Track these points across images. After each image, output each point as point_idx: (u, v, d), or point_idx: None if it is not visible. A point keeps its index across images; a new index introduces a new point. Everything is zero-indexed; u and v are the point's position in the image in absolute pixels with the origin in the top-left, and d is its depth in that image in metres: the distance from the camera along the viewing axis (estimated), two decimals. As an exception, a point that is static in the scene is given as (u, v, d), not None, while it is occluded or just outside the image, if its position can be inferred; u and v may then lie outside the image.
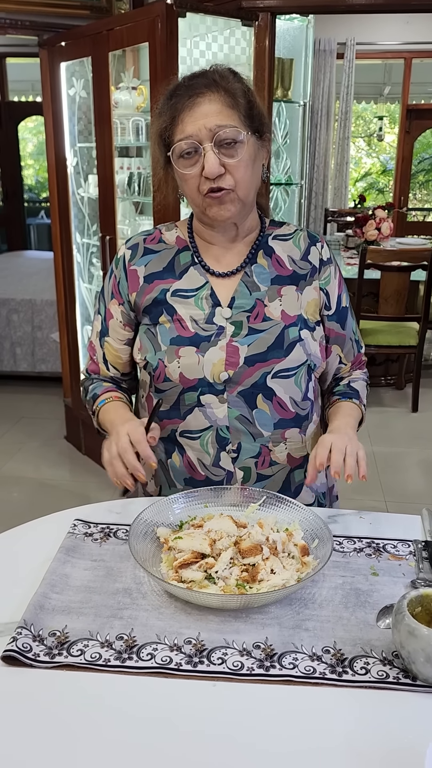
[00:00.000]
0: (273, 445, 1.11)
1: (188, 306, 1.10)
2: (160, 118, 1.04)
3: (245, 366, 1.07)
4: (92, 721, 0.70)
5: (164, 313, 1.10)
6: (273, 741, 0.68)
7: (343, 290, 1.18)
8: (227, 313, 1.09)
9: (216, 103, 1.00)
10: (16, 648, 0.78)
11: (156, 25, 2.12)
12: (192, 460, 1.12)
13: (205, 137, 0.99)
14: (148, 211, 2.82)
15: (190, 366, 1.08)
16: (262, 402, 1.09)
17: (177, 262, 1.13)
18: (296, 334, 1.10)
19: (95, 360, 1.22)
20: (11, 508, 2.76)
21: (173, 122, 1.02)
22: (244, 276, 1.11)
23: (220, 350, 1.08)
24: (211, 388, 1.08)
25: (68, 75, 2.78)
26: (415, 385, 3.73)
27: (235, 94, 1.01)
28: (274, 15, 2.40)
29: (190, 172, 1.02)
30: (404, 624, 0.74)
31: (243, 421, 1.09)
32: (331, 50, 5.63)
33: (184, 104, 1.00)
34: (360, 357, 1.24)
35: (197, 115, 0.99)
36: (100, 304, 1.20)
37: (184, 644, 0.80)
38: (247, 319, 1.09)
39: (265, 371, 1.08)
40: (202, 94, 1.00)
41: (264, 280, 1.11)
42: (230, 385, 1.08)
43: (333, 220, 5.63)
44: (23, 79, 7.17)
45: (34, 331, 4.05)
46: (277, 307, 1.10)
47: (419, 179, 8.44)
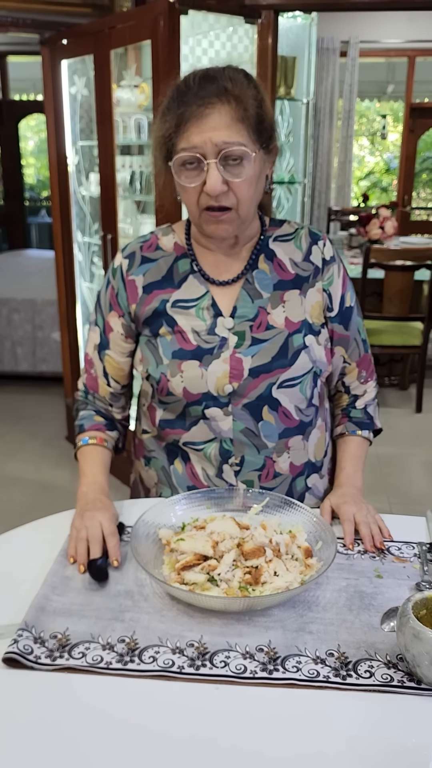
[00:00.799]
0: (277, 456, 1.09)
1: (189, 317, 1.07)
2: (164, 121, 0.98)
3: (250, 378, 1.05)
4: (93, 723, 0.70)
5: (164, 325, 1.07)
6: (276, 744, 0.67)
7: (348, 289, 1.13)
8: (229, 323, 1.06)
9: (225, 117, 0.94)
10: (17, 650, 0.77)
11: (158, 22, 2.11)
12: (195, 469, 1.11)
13: (210, 151, 0.94)
14: (149, 210, 2.81)
15: (193, 380, 1.05)
16: (267, 413, 1.06)
17: (176, 270, 1.09)
18: (301, 342, 1.06)
19: (93, 374, 1.17)
20: (12, 508, 2.76)
21: (178, 129, 0.96)
22: (245, 283, 1.08)
23: (223, 363, 1.05)
24: (216, 401, 1.05)
25: (70, 73, 2.77)
26: (419, 386, 3.71)
27: (246, 105, 0.95)
28: (277, 13, 2.39)
29: (191, 185, 0.97)
30: (409, 627, 0.74)
31: (248, 433, 1.07)
32: (334, 48, 5.61)
33: (192, 113, 0.94)
34: (367, 358, 1.20)
35: (205, 127, 0.93)
36: (98, 316, 1.15)
37: (186, 647, 0.79)
38: (250, 329, 1.06)
39: (271, 382, 1.05)
40: (212, 105, 0.93)
41: (266, 286, 1.08)
42: (235, 397, 1.05)
43: (336, 218, 5.61)
44: (24, 78, 7.17)
45: (35, 330, 4.05)
46: (281, 314, 1.07)
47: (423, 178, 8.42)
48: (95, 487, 1.06)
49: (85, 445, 1.13)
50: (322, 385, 1.15)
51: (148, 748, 0.67)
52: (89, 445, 1.13)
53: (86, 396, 1.20)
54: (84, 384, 1.20)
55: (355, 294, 1.17)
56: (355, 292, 1.17)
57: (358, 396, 1.21)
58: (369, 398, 1.21)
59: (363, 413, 1.20)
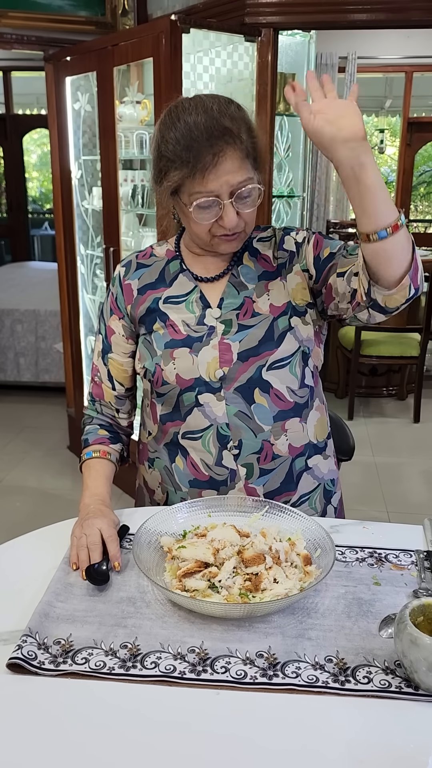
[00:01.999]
0: (274, 438, 1.12)
1: (179, 311, 1.13)
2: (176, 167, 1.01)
3: (239, 362, 1.10)
4: (96, 729, 0.71)
5: (158, 321, 1.14)
6: (276, 749, 0.69)
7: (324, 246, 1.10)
8: (216, 313, 1.12)
9: (236, 160, 1.00)
10: (21, 656, 0.78)
11: (160, 40, 2.16)
12: (195, 461, 1.14)
13: (225, 192, 1.02)
14: (151, 223, 2.85)
15: (185, 366, 1.10)
16: (259, 396, 1.10)
17: (167, 271, 1.17)
18: (286, 324, 1.11)
19: (98, 381, 1.23)
20: (14, 517, 2.76)
21: (193, 176, 1.00)
22: (231, 277, 1.14)
23: (212, 349, 1.10)
24: (208, 386, 1.10)
25: (73, 89, 2.82)
26: (417, 396, 3.73)
27: (243, 139, 1.01)
28: (277, 31, 2.44)
29: (206, 222, 1.04)
30: (406, 633, 0.75)
31: (242, 417, 1.10)
32: (332, 64, 5.69)
33: (208, 164, 0.99)
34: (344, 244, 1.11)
35: (220, 173, 1.00)
36: (101, 324, 1.22)
37: (187, 653, 0.80)
38: (237, 317, 1.12)
39: (260, 364, 1.09)
40: (223, 153, 0.99)
41: (251, 279, 1.14)
42: (226, 382, 1.10)
43: (335, 231, 5.66)
44: (28, 93, 7.25)
45: (37, 341, 4.08)
46: (266, 302, 1.12)
47: (420, 191, 8.49)
48: (96, 499, 1.09)
49: (89, 458, 1.18)
50: (314, 366, 1.17)
51: (150, 753, 0.68)
52: (93, 459, 1.17)
53: (93, 405, 1.25)
54: (90, 393, 1.26)
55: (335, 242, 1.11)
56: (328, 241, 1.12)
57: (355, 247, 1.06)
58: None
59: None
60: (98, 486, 1.12)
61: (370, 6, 2.40)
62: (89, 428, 1.22)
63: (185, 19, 2.17)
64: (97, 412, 1.24)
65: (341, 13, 2.44)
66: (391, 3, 2.39)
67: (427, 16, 2.38)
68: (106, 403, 1.23)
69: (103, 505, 1.07)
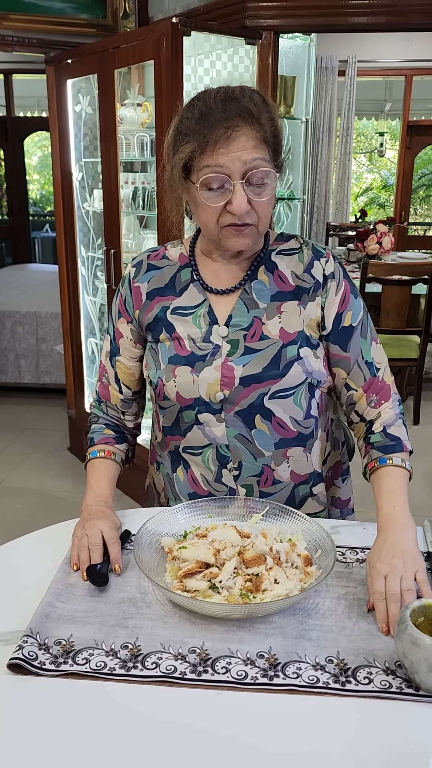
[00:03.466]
0: (275, 464, 1.09)
1: (186, 324, 1.09)
2: (184, 141, 0.98)
3: (241, 386, 1.05)
4: (97, 729, 0.71)
5: (164, 331, 1.10)
6: (276, 749, 0.69)
7: (350, 308, 1.09)
8: (224, 331, 1.07)
9: (251, 138, 0.95)
10: (21, 656, 0.78)
11: (161, 43, 2.16)
12: (195, 476, 1.13)
13: (236, 171, 0.95)
14: (152, 225, 2.85)
15: (185, 385, 1.07)
16: (260, 422, 1.06)
17: (178, 279, 1.12)
18: (294, 353, 1.05)
19: (105, 382, 1.20)
20: (14, 519, 2.76)
21: (204, 150, 0.95)
22: (243, 293, 1.08)
23: (214, 370, 1.06)
24: (208, 407, 1.07)
25: (74, 92, 2.83)
26: (417, 398, 3.73)
27: (265, 127, 0.97)
28: (278, 34, 2.45)
29: (214, 205, 0.98)
30: (407, 634, 0.75)
31: (242, 440, 1.07)
32: (332, 67, 5.71)
33: (220, 135, 0.94)
34: (376, 383, 1.10)
35: (232, 147, 0.94)
36: (109, 324, 1.19)
37: (188, 653, 0.80)
38: (244, 338, 1.06)
39: (262, 392, 1.05)
40: (238, 128, 0.94)
41: (263, 296, 1.08)
42: (227, 404, 1.06)
43: (335, 234, 5.67)
44: (29, 95, 7.27)
45: (38, 343, 4.08)
46: (276, 325, 1.06)
47: (420, 194, 8.51)
48: (99, 500, 1.08)
49: (94, 458, 1.16)
50: (322, 395, 1.13)
51: (151, 754, 0.68)
52: (98, 459, 1.16)
53: (99, 405, 1.23)
54: (97, 392, 1.23)
55: (363, 314, 1.11)
56: (365, 313, 1.11)
57: (373, 420, 1.11)
58: (387, 418, 1.10)
59: (384, 436, 1.09)
60: (101, 487, 1.11)
61: (371, 9, 2.41)
62: (95, 427, 1.21)
63: (186, 21, 2.18)
64: (103, 412, 1.22)
65: (342, 17, 2.45)
66: (391, 6, 2.40)
67: (427, 20, 2.39)
68: (113, 405, 1.21)
69: (106, 507, 1.07)
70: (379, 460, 1.06)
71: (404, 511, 1.00)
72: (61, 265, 3.13)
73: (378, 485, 1.04)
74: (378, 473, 1.06)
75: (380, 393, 1.11)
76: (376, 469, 1.06)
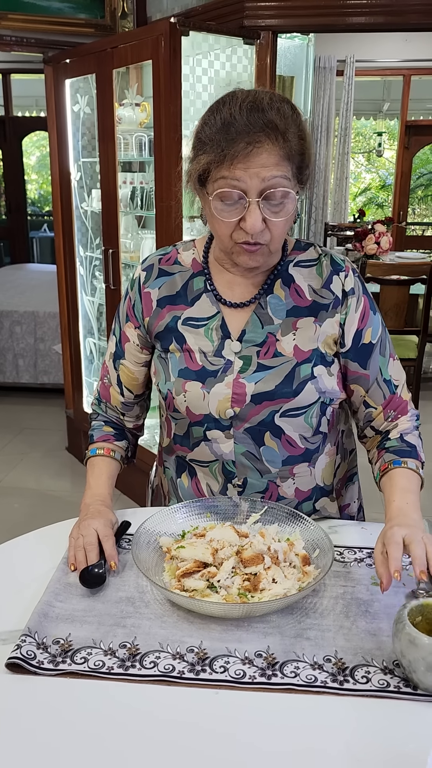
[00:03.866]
0: (281, 481, 1.08)
1: (198, 336, 1.06)
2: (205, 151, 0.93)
3: (252, 404, 1.03)
4: (95, 728, 0.71)
5: (174, 342, 1.07)
6: (274, 748, 0.69)
7: (369, 324, 1.06)
8: (236, 347, 1.04)
9: (273, 156, 0.90)
10: (20, 655, 0.78)
11: (159, 43, 2.16)
12: (200, 484, 1.12)
13: (254, 188, 0.91)
14: (150, 225, 2.85)
15: (195, 401, 1.05)
16: (270, 439, 1.05)
17: (190, 288, 1.08)
18: (308, 372, 1.02)
19: (107, 383, 1.19)
20: (12, 518, 2.76)
21: (222, 163, 0.91)
22: (258, 308, 1.05)
23: (226, 387, 1.03)
24: (218, 423, 1.05)
25: (73, 91, 2.83)
26: (415, 398, 3.74)
27: (291, 143, 0.92)
28: (276, 34, 2.45)
29: (228, 220, 0.94)
30: (405, 633, 0.75)
31: (250, 457, 1.06)
32: (331, 67, 5.71)
33: (239, 150, 0.89)
34: (395, 400, 1.08)
35: (252, 164, 0.90)
36: (115, 325, 1.17)
37: (186, 652, 0.80)
38: (257, 354, 1.03)
39: (273, 410, 1.03)
40: (260, 144, 0.89)
41: (279, 312, 1.04)
42: (236, 421, 1.04)
43: (333, 234, 5.67)
44: (27, 95, 7.27)
45: (36, 342, 4.08)
46: (290, 342, 1.03)
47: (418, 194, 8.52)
48: (96, 499, 1.08)
49: (93, 456, 1.15)
50: (333, 411, 1.10)
51: (149, 752, 0.68)
52: (97, 456, 1.15)
53: (99, 405, 1.22)
54: (97, 391, 1.22)
55: (383, 330, 1.08)
56: (384, 330, 1.09)
57: (389, 430, 1.10)
58: (404, 428, 1.08)
59: (401, 441, 1.07)
60: (100, 485, 1.11)
61: (369, 9, 2.42)
62: (95, 424, 1.19)
63: (184, 21, 2.18)
64: (103, 411, 1.21)
65: (340, 17, 2.45)
66: (389, 6, 2.40)
67: (425, 20, 2.40)
68: (112, 406, 1.19)
69: (103, 506, 1.07)
70: (394, 462, 1.04)
71: (417, 510, 0.96)
72: (59, 264, 3.13)
73: (391, 484, 1.01)
74: (391, 473, 1.03)
75: (398, 409, 1.10)
76: (389, 470, 1.03)
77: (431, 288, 3.55)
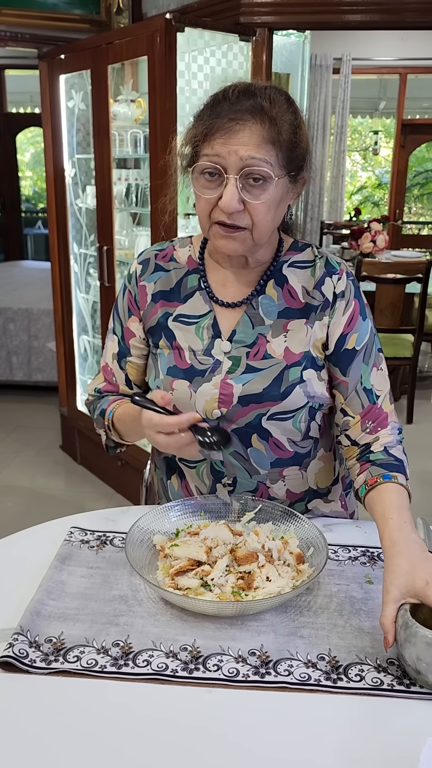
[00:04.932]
0: (271, 482, 1.08)
1: (188, 334, 1.05)
2: (193, 126, 0.95)
3: (239, 405, 1.02)
4: (88, 727, 0.71)
5: (163, 338, 1.07)
6: (268, 747, 0.69)
7: (355, 329, 1.03)
8: (226, 346, 1.03)
9: (256, 135, 0.90)
10: (12, 654, 0.78)
11: (155, 39, 2.15)
12: (189, 487, 1.12)
13: (232, 165, 0.90)
14: (145, 222, 2.84)
15: (182, 400, 1.04)
16: (257, 441, 1.04)
17: (184, 285, 1.08)
18: (297, 375, 1.01)
19: (114, 382, 1.15)
20: (5, 517, 2.75)
21: (205, 137, 0.92)
22: (249, 308, 1.04)
23: (213, 387, 1.02)
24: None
25: (67, 87, 2.81)
26: (410, 397, 3.75)
27: (280, 129, 0.91)
28: (272, 31, 2.44)
29: (207, 196, 0.94)
30: (420, 636, 0.73)
31: (237, 457, 1.05)
32: (327, 65, 5.71)
33: (223, 125, 0.90)
34: (375, 411, 1.04)
35: (232, 140, 0.90)
36: (115, 324, 1.14)
37: (180, 651, 0.80)
38: (246, 355, 1.02)
39: (260, 413, 1.01)
40: (244, 121, 0.89)
41: (270, 313, 1.03)
42: (223, 422, 1.03)
43: (329, 232, 5.68)
44: (21, 91, 7.23)
45: (30, 340, 4.06)
46: (281, 344, 1.02)
47: (414, 193, 8.53)
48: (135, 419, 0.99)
49: (113, 415, 1.09)
50: (323, 417, 1.09)
51: (142, 751, 0.68)
52: (117, 409, 1.09)
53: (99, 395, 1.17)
54: (100, 390, 1.17)
55: (370, 337, 1.05)
56: (372, 336, 1.05)
57: (369, 443, 1.04)
58: (387, 441, 1.03)
59: (386, 455, 1.01)
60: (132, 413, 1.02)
61: (365, 7, 2.41)
62: (99, 402, 1.14)
63: (180, 17, 2.17)
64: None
65: (336, 14, 2.45)
66: (385, 4, 2.40)
67: (421, 18, 2.39)
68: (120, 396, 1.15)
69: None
70: (383, 476, 0.97)
71: (414, 530, 0.89)
72: (53, 261, 3.12)
73: (382, 499, 0.94)
74: (381, 488, 0.96)
75: (377, 421, 1.05)
76: (378, 484, 0.96)
77: (427, 287, 3.56)
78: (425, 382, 4.39)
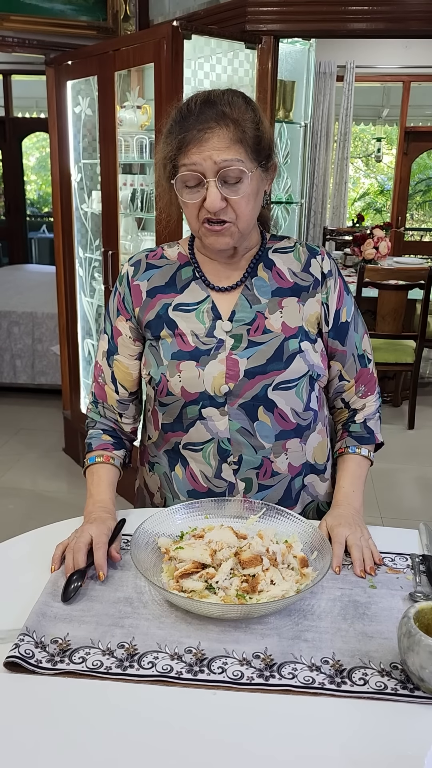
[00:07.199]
0: (274, 456, 1.11)
1: (189, 320, 1.11)
2: (167, 143, 1.04)
3: (245, 378, 1.08)
4: (93, 728, 0.71)
5: (165, 328, 1.11)
6: (272, 750, 0.69)
7: (344, 304, 1.15)
8: (227, 326, 1.10)
9: (224, 139, 0.99)
10: (18, 654, 0.78)
11: (162, 46, 2.17)
12: (194, 472, 1.13)
13: (209, 170, 0.99)
14: (150, 227, 2.86)
15: (190, 380, 1.09)
16: (263, 414, 1.09)
17: (179, 277, 1.14)
18: (296, 346, 1.09)
19: (101, 382, 1.21)
20: (8, 519, 2.75)
21: (180, 151, 1.01)
22: (245, 289, 1.12)
23: (219, 363, 1.08)
24: (212, 401, 1.09)
25: (74, 93, 2.83)
26: (412, 403, 3.75)
27: (244, 127, 1.00)
28: (277, 38, 2.46)
29: (192, 201, 1.03)
30: (423, 645, 0.73)
31: (244, 433, 1.10)
32: (331, 73, 5.74)
33: (194, 137, 0.99)
34: (366, 373, 1.20)
35: (204, 148, 0.99)
36: (106, 324, 1.20)
37: (184, 653, 0.81)
38: (247, 332, 1.09)
39: (266, 383, 1.08)
40: (211, 129, 0.99)
41: (265, 292, 1.12)
42: (231, 397, 1.08)
43: (331, 238, 5.69)
44: (27, 96, 7.27)
45: (34, 343, 4.08)
46: (278, 319, 1.10)
47: (416, 200, 8.56)
48: (98, 506, 1.09)
49: (93, 463, 1.17)
50: (320, 390, 1.17)
51: (146, 752, 0.68)
52: (96, 464, 1.17)
53: (96, 407, 1.22)
54: (93, 393, 1.23)
55: (354, 308, 1.18)
56: (355, 307, 1.18)
57: (357, 410, 1.21)
58: (369, 412, 1.21)
59: (362, 427, 1.20)
60: (101, 492, 1.12)
61: (370, 15, 2.43)
62: (92, 432, 1.21)
63: (187, 25, 2.19)
64: (100, 415, 1.22)
65: (341, 22, 2.47)
66: (390, 13, 2.42)
67: (425, 26, 2.41)
68: (109, 406, 1.21)
69: (104, 512, 1.08)
70: (351, 447, 1.20)
71: (360, 497, 1.16)
72: (58, 265, 3.13)
73: (344, 467, 1.19)
74: (346, 458, 1.20)
75: (368, 384, 1.21)
76: (345, 454, 1.20)
77: (429, 293, 3.57)
78: (427, 388, 4.39)
